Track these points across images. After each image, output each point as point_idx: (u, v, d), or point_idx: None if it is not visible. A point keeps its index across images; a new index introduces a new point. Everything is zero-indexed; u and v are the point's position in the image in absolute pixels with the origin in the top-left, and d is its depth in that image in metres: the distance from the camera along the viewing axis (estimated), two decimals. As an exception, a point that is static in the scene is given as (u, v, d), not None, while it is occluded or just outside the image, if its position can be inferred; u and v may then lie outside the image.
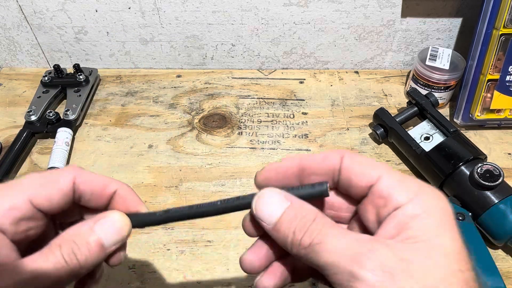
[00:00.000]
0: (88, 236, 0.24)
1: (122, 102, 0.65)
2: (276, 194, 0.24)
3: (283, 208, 0.23)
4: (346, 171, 0.24)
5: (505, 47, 0.54)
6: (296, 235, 0.22)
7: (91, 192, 0.26)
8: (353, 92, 0.67)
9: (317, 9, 0.63)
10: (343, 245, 0.21)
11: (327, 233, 0.22)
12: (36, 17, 0.65)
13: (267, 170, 0.26)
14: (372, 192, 0.23)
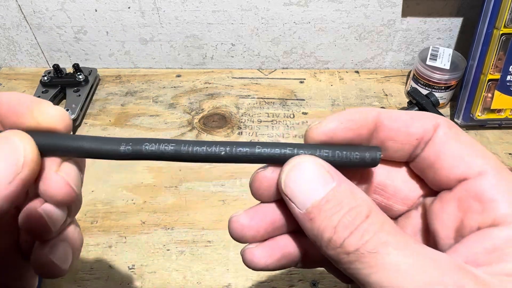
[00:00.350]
0: None
1: (121, 102, 0.65)
2: (319, 167, 0.17)
3: (325, 190, 0.17)
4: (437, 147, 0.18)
5: (506, 46, 0.54)
6: (338, 233, 0.16)
7: None
8: (354, 92, 0.67)
9: (317, 9, 0.63)
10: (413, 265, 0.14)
11: (387, 241, 0.15)
12: (36, 16, 0.64)
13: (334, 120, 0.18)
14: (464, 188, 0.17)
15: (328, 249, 0.16)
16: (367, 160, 0.18)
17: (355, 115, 0.18)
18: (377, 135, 0.19)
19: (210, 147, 0.19)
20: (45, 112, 0.18)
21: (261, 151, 0.19)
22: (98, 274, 0.45)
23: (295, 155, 0.18)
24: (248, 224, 0.20)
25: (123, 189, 0.53)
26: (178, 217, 0.50)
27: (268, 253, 0.20)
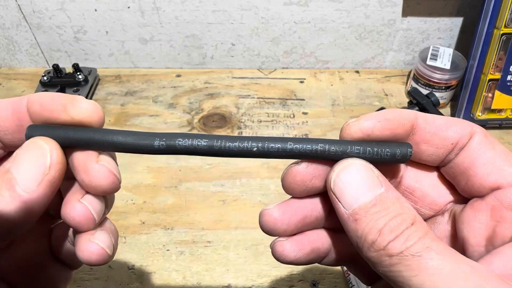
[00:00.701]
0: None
1: (121, 101, 0.65)
2: (369, 171, 0.18)
3: (373, 194, 0.17)
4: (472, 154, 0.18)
5: (506, 46, 0.54)
6: (382, 235, 0.16)
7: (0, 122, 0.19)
8: (354, 91, 0.67)
9: (317, 9, 0.63)
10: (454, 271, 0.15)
11: (431, 247, 0.15)
12: (35, 16, 0.64)
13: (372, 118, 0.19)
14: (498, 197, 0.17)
15: (370, 251, 0.16)
16: (398, 156, 0.18)
17: (393, 115, 0.19)
18: (412, 137, 0.19)
19: (242, 143, 0.19)
20: (79, 107, 0.19)
21: (292, 147, 0.19)
22: (97, 274, 0.45)
23: (326, 151, 0.19)
24: (280, 217, 0.20)
25: (122, 189, 0.53)
26: (178, 217, 0.50)
27: (298, 247, 0.20)
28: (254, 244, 0.48)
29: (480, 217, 0.17)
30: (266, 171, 0.55)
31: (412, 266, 0.15)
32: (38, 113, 0.19)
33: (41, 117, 0.19)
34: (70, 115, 0.18)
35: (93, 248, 0.19)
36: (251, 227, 0.49)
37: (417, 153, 0.19)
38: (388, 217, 0.16)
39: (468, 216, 0.18)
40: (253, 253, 0.47)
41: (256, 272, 0.45)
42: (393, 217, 0.16)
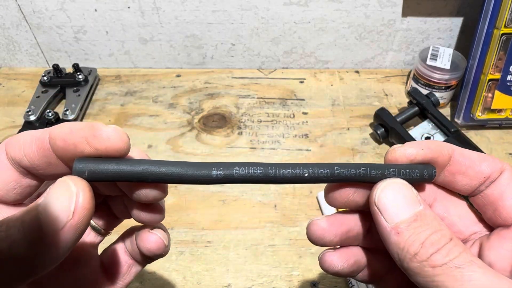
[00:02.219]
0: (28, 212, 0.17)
1: (121, 102, 0.65)
2: (410, 190, 0.20)
3: (413, 210, 0.19)
4: (501, 187, 0.20)
5: (506, 46, 0.54)
6: (425, 247, 0.18)
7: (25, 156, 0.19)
8: (354, 91, 0.67)
9: (317, 9, 0.63)
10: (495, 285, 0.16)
11: (472, 261, 0.17)
12: (35, 16, 0.64)
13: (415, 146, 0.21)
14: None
15: (413, 261, 0.18)
16: (426, 176, 0.21)
17: (435, 145, 0.21)
18: (449, 168, 0.21)
19: (294, 169, 0.20)
20: (100, 137, 0.18)
21: (339, 172, 0.20)
22: (97, 275, 0.45)
23: (368, 174, 0.20)
24: (328, 228, 0.22)
25: (122, 189, 0.53)
26: (178, 217, 0.50)
27: (345, 258, 0.23)
28: (254, 244, 0.48)
29: (506, 244, 0.19)
30: (266, 171, 0.55)
31: (457, 277, 0.17)
32: (62, 149, 0.18)
33: (66, 152, 0.18)
34: (93, 146, 0.18)
35: (153, 238, 0.22)
36: (251, 227, 0.49)
37: (452, 183, 0.22)
38: (429, 231, 0.18)
39: (495, 243, 0.20)
40: (253, 253, 0.47)
41: (256, 272, 0.45)
42: (433, 232, 0.18)
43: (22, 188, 0.20)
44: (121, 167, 0.18)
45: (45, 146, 0.19)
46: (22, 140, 0.19)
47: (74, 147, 0.18)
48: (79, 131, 0.18)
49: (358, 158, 0.57)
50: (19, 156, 0.19)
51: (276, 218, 0.50)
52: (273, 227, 0.49)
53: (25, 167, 0.19)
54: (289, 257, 0.46)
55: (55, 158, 0.19)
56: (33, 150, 0.19)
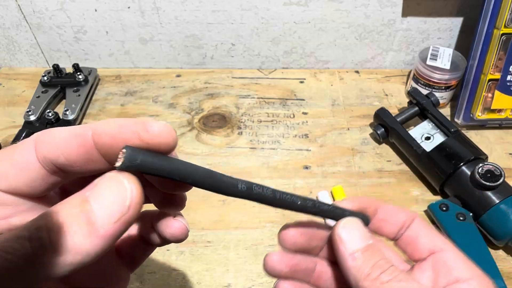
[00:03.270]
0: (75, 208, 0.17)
1: (121, 102, 0.65)
2: (363, 228, 0.26)
3: (366, 242, 0.25)
4: (414, 230, 0.27)
5: (506, 46, 0.54)
6: (375, 270, 0.24)
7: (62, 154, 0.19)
8: (354, 91, 0.67)
9: (317, 9, 0.63)
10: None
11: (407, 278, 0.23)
12: (35, 16, 0.64)
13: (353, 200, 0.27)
14: (435, 258, 0.25)
15: (366, 280, 0.23)
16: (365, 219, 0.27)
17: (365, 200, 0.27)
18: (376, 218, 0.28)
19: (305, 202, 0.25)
20: (152, 131, 0.18)
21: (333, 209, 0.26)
22: (98, 274, 0.45)
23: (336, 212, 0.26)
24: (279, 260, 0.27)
25: (123, 189, 0.53)
26: (178, 217, 0.50)
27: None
28: (254, 244, 0.48)
29: (425, 272, 0.26)
30: (266, 171, 0.55)
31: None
32: (109, 145, 0.18)
33: (113, 149, 0.18)
34: (145, 141, 0.18)
35: (178, 225, 0.24)
36: (251, 227, 0.49)
37: (379, 228, 0.28)
38: (377, 258, 0.24)
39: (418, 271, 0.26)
40: (253, 253, 0.47)
41: (256, 272, 0.45)
42: (380, 259, 0.24)
43: (48, 184, 0.20)
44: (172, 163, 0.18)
45: (87, 143, 0.18)
46: (58, 137, 0.19)
47: (123, 143, 0.18)
48: (129, 127, 0.18)
49: (358, 158, 0.57)
50: (54, 154, 0.19)
51: (276, 218, 0.50)
52: (273, 227, 0.49)
53: (60, 165, 0.19)
54: (289, 257, 0.46)
55: (96, 155, 0.19)
56: (72, 147, 0.19)
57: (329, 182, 0.54)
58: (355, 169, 0.56)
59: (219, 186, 0.20)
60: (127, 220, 0.18)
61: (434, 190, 0.53)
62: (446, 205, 0.48)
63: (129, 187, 0.18)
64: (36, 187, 0.20)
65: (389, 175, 0.55)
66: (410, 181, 0.55)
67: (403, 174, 0.55)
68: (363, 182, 0.54)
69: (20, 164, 0.19)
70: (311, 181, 0.54)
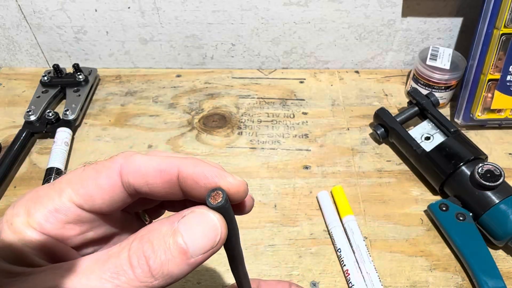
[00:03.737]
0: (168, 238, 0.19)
1: (121, 102, 0.65)
2: None
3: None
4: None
5: (506, 46, 0.54)
6: None
7: (145, 182, 0.21)
8: (354, 91, 0.67)
9: (317, 9, 0.63)
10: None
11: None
12: (36, 16, 0.64)
13: None
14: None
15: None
16: None
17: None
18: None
19: None
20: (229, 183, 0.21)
21: None
22: (98, 274, 0.45)
23: None
24: None
25: (123, 189, 0.53)
26: (178, 217, 0.50)
27: None
28: (254, 244, 0.48)
29: None
30: (266, 171, 0.55)
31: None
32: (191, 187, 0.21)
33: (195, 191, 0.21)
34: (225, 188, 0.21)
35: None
36: (251, 227, 0.49)
37: None
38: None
39: None
40: (253, 253, 0.47)
41: (256, 272, 0.45)
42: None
43: (125, 204, 0.22)
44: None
45: (173, 180, 0.21)
46: (144, 168, 0.21)
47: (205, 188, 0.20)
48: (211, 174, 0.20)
49: (358, 158, 0.57)
50: (139, 184, 0.21)
51: (276, 218, 0.50)
52: (273, 227, 0.49)
53: (142, 193, 0.21)
54: (289, 257, 0.46)
55: (178, 190, 0.21)
56: (157, 181, 0.21)
57: (329, 182, 0.54)
58: (355, 169, 0.56)
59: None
60: (214, 252, 0.20)
61: (434, 190, 0.53)
62: (446, 205, 0.48)
63: (220, 224, 0.20)
64: (115, 207, 0.22)
65: (389, 175, 0.55)
66: (410, 181, 0.55)
67: (403, 174, 0.56)
68: (363, 182, 0.54)
69: (106, 187, 0.21)
70: (311, 181, 0.54)
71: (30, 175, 0.55)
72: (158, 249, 0.18)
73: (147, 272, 0.18)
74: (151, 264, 0.18)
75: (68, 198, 0.21)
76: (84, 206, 0.21)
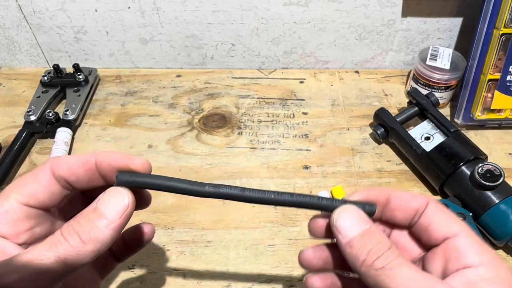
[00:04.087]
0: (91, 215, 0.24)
1: (121, 102, 0.65)
2: (359, 213, 0.26)
3: (362, 228, 0.25)
4: (428, 217, 0.27)
5: (506, 46, 0.54)
6: (370, 256, 0.24)
7: (73, 173, 0.26)
8: (354, 92, 0.67)
9: (317, 9, 0.63)
10: (417, 277, 0.23)
11: (402, 262, 0.23)
12: (36, 16, 0.64)
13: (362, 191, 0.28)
14: (447, 244, 0.25)
15: (362, 267, 0.24)
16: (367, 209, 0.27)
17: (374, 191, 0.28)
18: (388, 207, 0.28)
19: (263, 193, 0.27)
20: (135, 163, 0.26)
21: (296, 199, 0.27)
22: (98, 274, 0.45)
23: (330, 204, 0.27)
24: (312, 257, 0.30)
25: (123, 189, 0.53)
26: (178, 217, 0.50)
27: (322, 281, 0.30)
28: (254, 244, 0.48)
29: (436, 257, 0.26)
30: (266, 171, 0.55)
31: (390, 276, 0.23)
32: (107, 169, 0.26)
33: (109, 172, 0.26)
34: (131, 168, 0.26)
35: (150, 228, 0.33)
36: (251, 227, 0.49)
37: (392, 218, 0.28)
38: (372, 244, 0.24)
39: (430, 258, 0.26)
40: (253, 253, 0.47)
41: (256, 272, 0.45)
42: (376, 243, 0.24)
43: (61, 197, 0.27)
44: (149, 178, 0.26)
45: (92, 167, 0.26)
46: (70, 162, 0.26)
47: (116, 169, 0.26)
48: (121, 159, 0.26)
49: (358, 158, 0.57)
50: (67, 174, 0.26)
51: (276, 218, 0.50)
52: (273, 227, 0.49)
53: (71, 182, 0.27)
54: (289, 257, 0.46)
55: (97, 175, 0.27)
56: (80, 169, 0.26)
57: (329, 182, 0.54)
58: (355, 169, 0.56)
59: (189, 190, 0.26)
60: (128, 215, 0.25)
61: (434, 190, 0.53)
62: (446, 205, 0.48)
63: (126, 193, 0.25)
64: (54, 200, 0.27)
65: (389, 175, 0.55)
66: (409, 181, 0.55)
67: (402, 174, 0.56)
68: (363, 182, 0.54)
69: (44, 182, 0.26)
70: (311, 181, 0.54)
71: (30, 175, 0.55)
72: (84, 223, 0.24)
73: (78, 240, 0.23)
74: (80, 233, 0.23)
75: (14, 200, 0.25)
76: (30, 203, 0.25)
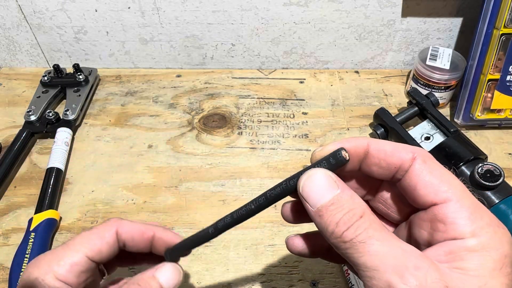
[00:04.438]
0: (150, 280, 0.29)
1: (121, 102, 0.65)
2: (327, 177, 0.22)
3: (331, 195, 0.22)
4: (413, 177, 0.22)
5: (506, 46, 0.54)
6: (338, 227, 0.21)
7: (132, 238, 0.31)
8: (354, 92, 0.67)
9: (317, 9, 0.63)
10: (388, 252, 0.20)
11: (373, 235, 0.20)
12: (36, 16, 0.64)
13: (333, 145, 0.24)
14: (434, 212, 0.22)
15: (331, 238, 0.22)
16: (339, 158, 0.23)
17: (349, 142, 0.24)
18: (365, 161, 0.24)
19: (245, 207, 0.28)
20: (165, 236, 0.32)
21: (271, 194, 0.26)
22: (98, 274, 0.45)
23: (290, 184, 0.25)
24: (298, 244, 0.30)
25: (123, 189, 0.53)
26: (178, 217, 0.50)
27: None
28: (254, 244, 0.48)
29: (422, 224, 0.22)
30: (266, 171, 0.55)
31: (359, 250, 0.20)
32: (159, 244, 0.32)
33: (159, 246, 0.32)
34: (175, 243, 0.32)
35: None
36: (251, 227, 0.49)
37: (370, 172, 0.24)
38: (342, 212, 0.21)
39: (416, 224, 0.23)
40: (253, 253, 0.47)
41: (256, 272, 0.45)
42: (346, 212, 0.21)
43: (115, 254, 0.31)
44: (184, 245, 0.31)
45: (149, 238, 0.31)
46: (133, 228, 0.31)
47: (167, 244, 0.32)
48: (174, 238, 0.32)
49: (358, 158, 0.57)
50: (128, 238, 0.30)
51: (276, 218, 0.50)
52: (273, 227, 0.49)
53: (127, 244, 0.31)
54: (289, 257, 0.46)
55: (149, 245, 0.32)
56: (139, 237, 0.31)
57: (329, 182, 0.54)
58: (355, 169, 0.56)
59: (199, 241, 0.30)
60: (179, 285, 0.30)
61: (434, 190, 0.53)
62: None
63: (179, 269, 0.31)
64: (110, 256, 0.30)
65: (388, 175, 0.55)
66: (409, 181, 0.55)
67: (402, 174, 0.55)
68: (363, 182, 0.54)
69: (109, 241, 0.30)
70: (311, 181, 0.54)
71: (30, 175, 0.55)
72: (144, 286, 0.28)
73: None
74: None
75: (84, 254, 0.28)
76: (95, 258, 0.29)
